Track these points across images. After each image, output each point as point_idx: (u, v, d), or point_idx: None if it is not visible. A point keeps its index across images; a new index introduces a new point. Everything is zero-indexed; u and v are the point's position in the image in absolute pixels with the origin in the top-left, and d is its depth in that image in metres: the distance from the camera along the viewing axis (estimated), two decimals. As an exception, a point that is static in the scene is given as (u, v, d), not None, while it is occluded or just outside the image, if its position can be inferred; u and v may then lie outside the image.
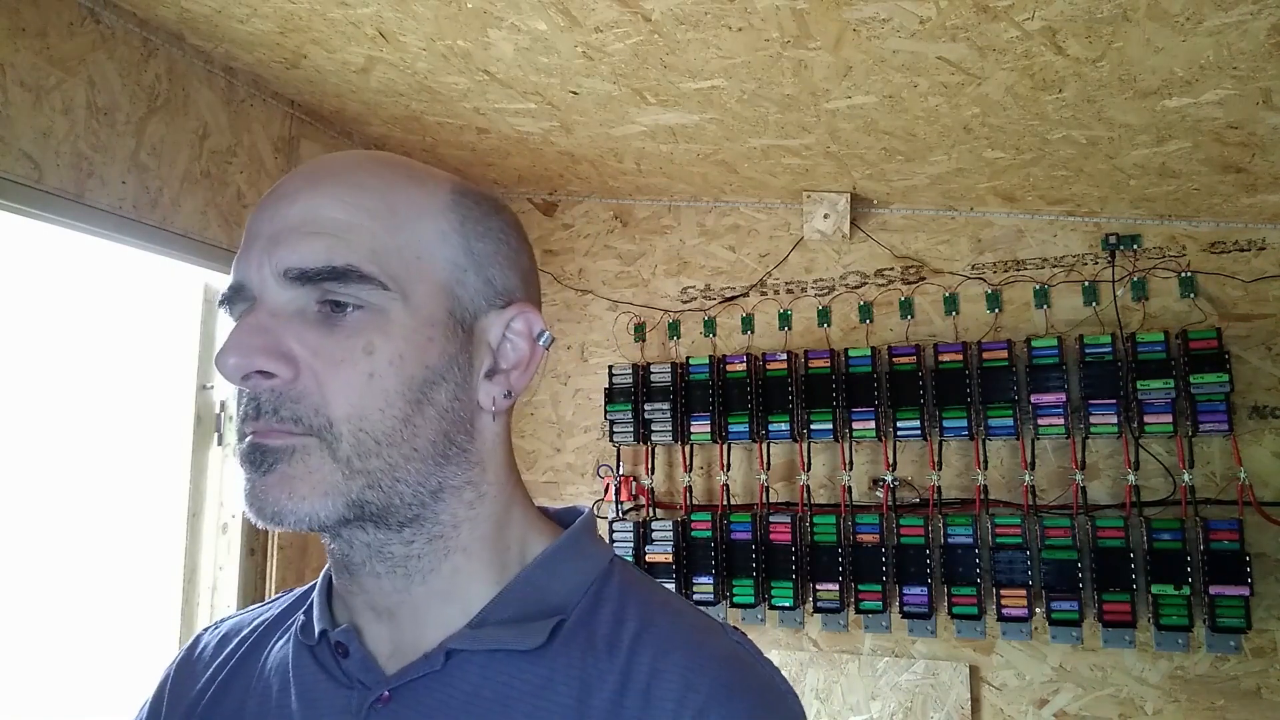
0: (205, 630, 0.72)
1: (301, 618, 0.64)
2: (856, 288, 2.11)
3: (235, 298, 0.57)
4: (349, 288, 0.54)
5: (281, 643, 0.65)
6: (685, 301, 2.27)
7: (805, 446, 2.03)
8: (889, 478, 1.97)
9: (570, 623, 0.58)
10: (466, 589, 0.59)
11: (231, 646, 0.68)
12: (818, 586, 1.96)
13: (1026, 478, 1.87)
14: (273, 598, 0.73)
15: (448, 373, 0.57)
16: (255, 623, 0.69)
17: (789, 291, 2.17)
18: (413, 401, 0.55)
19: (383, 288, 0.55)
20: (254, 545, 1.78)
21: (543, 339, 0.62)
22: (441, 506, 0.58)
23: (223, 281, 1.78)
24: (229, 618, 0.73)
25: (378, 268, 0.55)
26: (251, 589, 1.77)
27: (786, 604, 1.98)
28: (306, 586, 0.71)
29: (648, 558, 2.06)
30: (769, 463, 2.09)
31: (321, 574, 0.67)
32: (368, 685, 0.58)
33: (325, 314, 0.55)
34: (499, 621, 0.58)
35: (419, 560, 0.58)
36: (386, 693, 0.57)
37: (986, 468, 1.90)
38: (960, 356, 1.91)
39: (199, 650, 0.70)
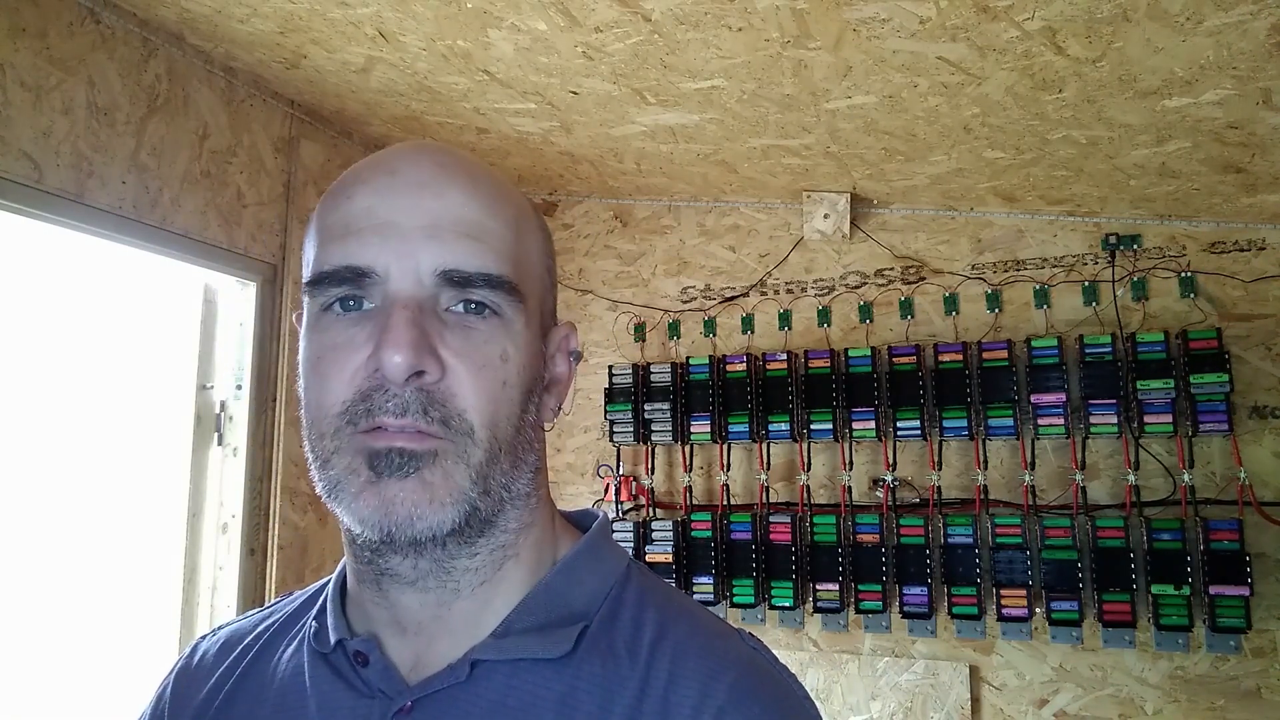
0: (203, 638, 0.70)
1: (313, 624, 0.63)
2: (856, 288, 2.11)
3: (347, 281, 0.53)
4: (497, 295, 0.55)
5: (292, 649, 0.64)
6: (685, 301, 2.27)
7: (805, 446, 2.03)
8: (889, 478, 1.97)
9: (592, 630, 0.58)
10: (503, 596, 0.59)
11: (236, 653, 0.66)
12: (818, 586, 1.96)
13: (1026, 478, 1.87)
14: (271, 603, 0.72)
15: (537, 384, 0.59)
16: (259, 629, 0.68)
17: (789, 291, 2.17)
18: (525, 411, 0.57)
19: (520, 299, 0.56)
20: (254, 545, 1.78)
21: (573, 356, 0.64)
22: (513, 513, 0.59)
23: (222, 281, 1.78)
24: (226, 625, 0.71)
25: (519, 279, 0.56)
26: (251, 589, 1.77)
27: (786, 604, 1.98)
28: (308, 591, 0.69)
29: (648, 558, 2.06)
30: (769, 463, 2.09)
31: (333, 579, 0.65)
32: (389, 695, 0.57)
33: (459, 315, 0.55)
34: (523, 630, 0.57)
35: (475, 574, 0.58)
36: (409, 703, 0.56)
37: (986, 468, 1.90)
38: (960, 356, 1.91)
39: (198, 658, 0.68)
